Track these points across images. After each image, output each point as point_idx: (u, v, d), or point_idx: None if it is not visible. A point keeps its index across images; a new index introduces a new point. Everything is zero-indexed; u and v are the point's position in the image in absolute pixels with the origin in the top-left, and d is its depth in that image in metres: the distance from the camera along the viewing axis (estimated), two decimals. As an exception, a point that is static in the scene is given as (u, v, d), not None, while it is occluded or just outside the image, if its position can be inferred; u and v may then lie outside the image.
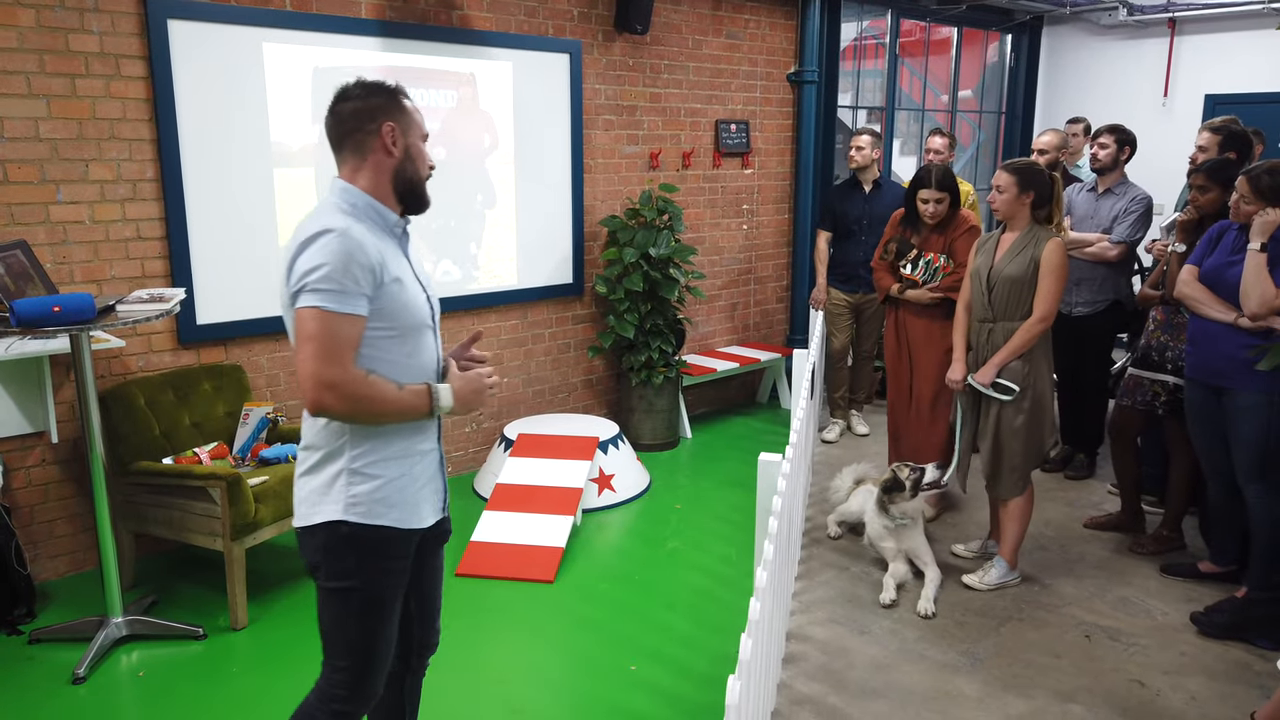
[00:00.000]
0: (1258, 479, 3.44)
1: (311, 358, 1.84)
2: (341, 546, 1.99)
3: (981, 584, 3.80)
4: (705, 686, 3.19)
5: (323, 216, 1.92)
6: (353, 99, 2.00)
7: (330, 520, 1.98)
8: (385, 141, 2.00)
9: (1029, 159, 3.76)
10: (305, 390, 1.87)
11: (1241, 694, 3.09)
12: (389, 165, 2.02)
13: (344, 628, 2.07)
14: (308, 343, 1.85)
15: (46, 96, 3.66)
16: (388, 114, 2.00)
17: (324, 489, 1.99)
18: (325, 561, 2.02)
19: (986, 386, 3.66)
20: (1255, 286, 3.28)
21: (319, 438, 2.00)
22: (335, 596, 2.05)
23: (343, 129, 2.00)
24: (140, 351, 4.03)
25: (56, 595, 3.83)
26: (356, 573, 2.02)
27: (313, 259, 1.85)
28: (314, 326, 1.84)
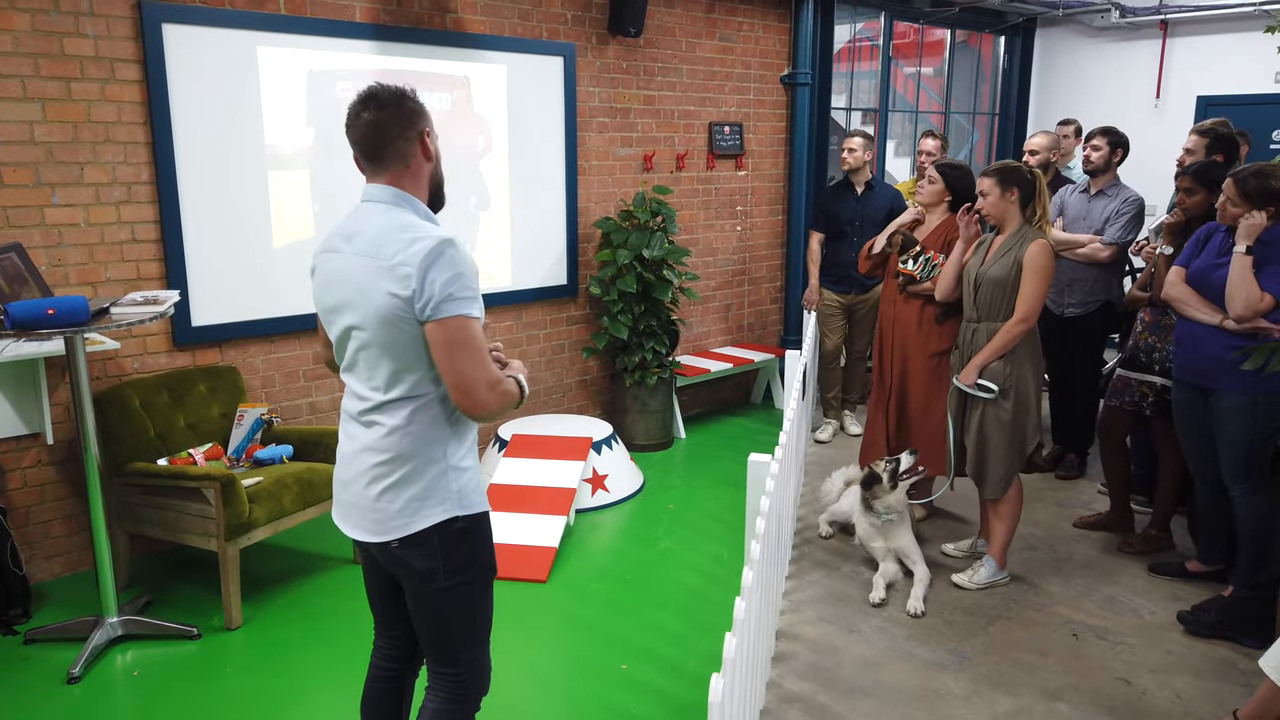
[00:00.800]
0: (1243, 479, 3.47)
1: (474, 364, 1.91)
2: (459, 541, 2.05)
3: (970, 583, 3.83)
4: (696, 685, 3.21)
5: (420, 228, 1.95)
6: (389, 105, 2.00)
7: (442, 520, 2.02)
8: (426, 147, 2.05)
9: (1006, 160, 3.79)
10: (472, 395, 1.91)
11: (1226, 692, 3.13)
12: (428, 170, 2.08)
13: (471, 619, 2.13)
14: (464, 350, 1.90)
15: (41, 100, 3.68)
16: (424, 120, 2.05)
17: (426, 493, 2.01)
18: (445, 562, 2.05)
19: (970, 387, 3.69)
20: (1240, 289, 3.31)
21: (413, 445, 2.00)
22: (459, 591, 2.09)
23: (384, 136, 2.00)
24: (135, 353, 4.06)
25: (52, 595, 3.85)
26: (474, 560, 2.10)
27: (447, 270, 1.89)
28: (466, 334, 1.91)
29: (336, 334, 2.06)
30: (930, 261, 4.18)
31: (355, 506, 2.07)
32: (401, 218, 1.99)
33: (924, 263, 4.19)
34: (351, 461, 2.07)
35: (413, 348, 1.95)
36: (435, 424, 2.01)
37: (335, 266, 2.02)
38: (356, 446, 2.05)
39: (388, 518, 2.01)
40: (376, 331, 1.95)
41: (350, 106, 2.04)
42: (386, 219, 1.98)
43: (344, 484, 2.10)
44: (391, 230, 1.95)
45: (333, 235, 2.07)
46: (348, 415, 2.10)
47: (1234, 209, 3.40)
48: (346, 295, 1.99)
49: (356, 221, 2.03)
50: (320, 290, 2.08)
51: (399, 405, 1.99)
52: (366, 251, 1.96)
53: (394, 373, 1.98)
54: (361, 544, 2.15)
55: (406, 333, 1.93)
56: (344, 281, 2.00)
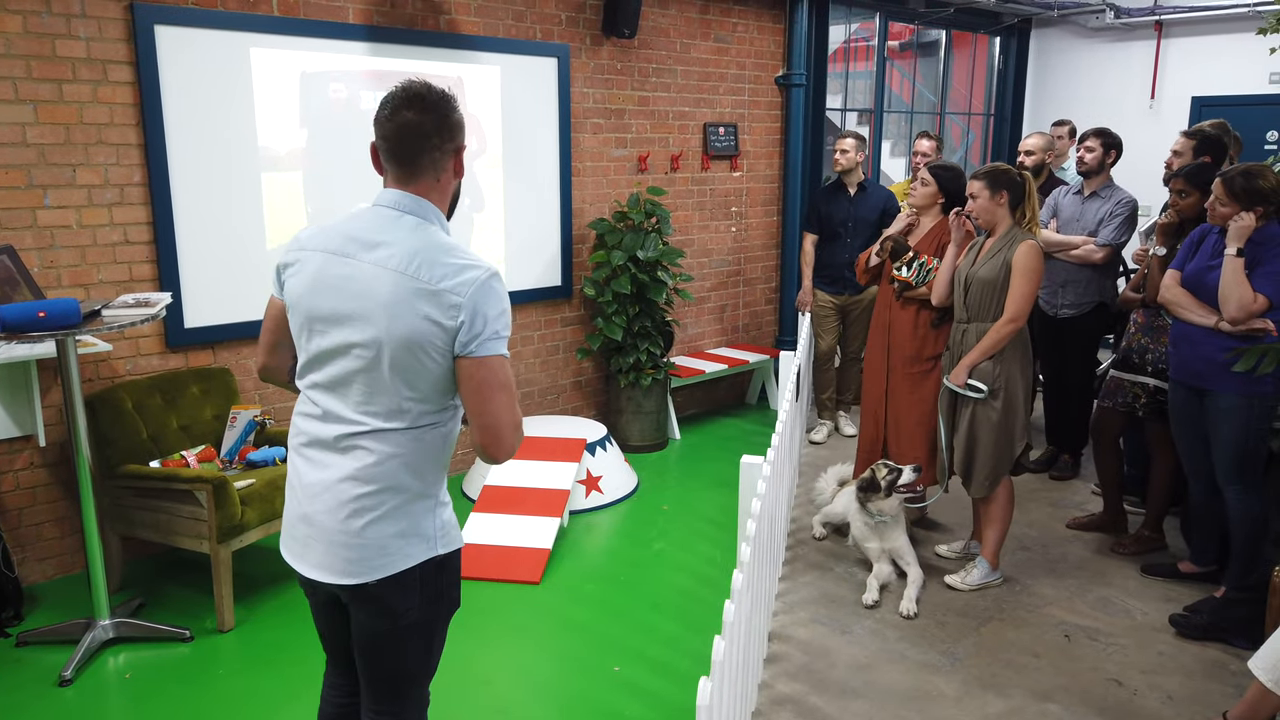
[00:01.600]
0: (1236, 480, 3.47)
1: (509, 407, 1.80)
2: (435, 578, 1.92)
3: (963, 584, 3.83)
4: (688, 687, 3.20)
5: (461, 250, 1.81)
6: (435, 110, 1.81)
7: (430, 557, 1.89)
8: (459, 163, 1.90)
9: (996, 163, 3.80)
10: (501, 438, 1.79)
11: (1217, 693, 3.13)
12: (453, 186, 1.93)
13: (429, 654, 2.01)
14: (501, 391, 1.78)
15: (33, 102, 3.68)
16: (463, 134, 1.88)
17: (414, 528, 1.86)
18: (423, 597, 1.91)
19: (960, 387, 3.70)
20: (1233, 291, 3.32)
21: (406, 478, 1.84)
22: (425, 628, 1.95)
23: (420, 145, 1.81)
24: (128, 355, 4.05)
25: (44, 598, 3.85)
26: (445, 595, 1.98)
27: (497, 305, 1.78)
28: (505, 374, 1.79)
29: (325, 345, 1.82)
30: (924, 266, 4.19)
31: (326, 543, 1.85)
32: (438, 237, 1.82)
33: (918, 268, 4.19)
34: (319, 492, 1.85)
35: (434, 378, 1.79)
36: (432, 457, 1.87)
37: (345, 273, 1.79)
38: (332, 476, 1.83)
39: (368, 555, 1.83)
40: (399, 355, 1.76)
41: (389, 99, 1.82)
42: (421, 236, 1.80)
43: (306, 518, 1.87)
44: (434, 250, 1.77)
45: (335, 235, 1.84)
46: (315, 441, 1.86)
47: (1222, 209, 3.40)
48: (359, 308, 1.77)
49: (376, 229, 1.81)
50: (307, 293, 1.83)
51: (399, 435, 1.82)
52: (402, 268, 1.75)
53: (401, 400, 1.80)
54: (309, 587, 1.98)
55: (435, 362, 1.77)
56: (358, 293, 1.77)
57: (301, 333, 1.87)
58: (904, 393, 4.25)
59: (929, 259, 4.20)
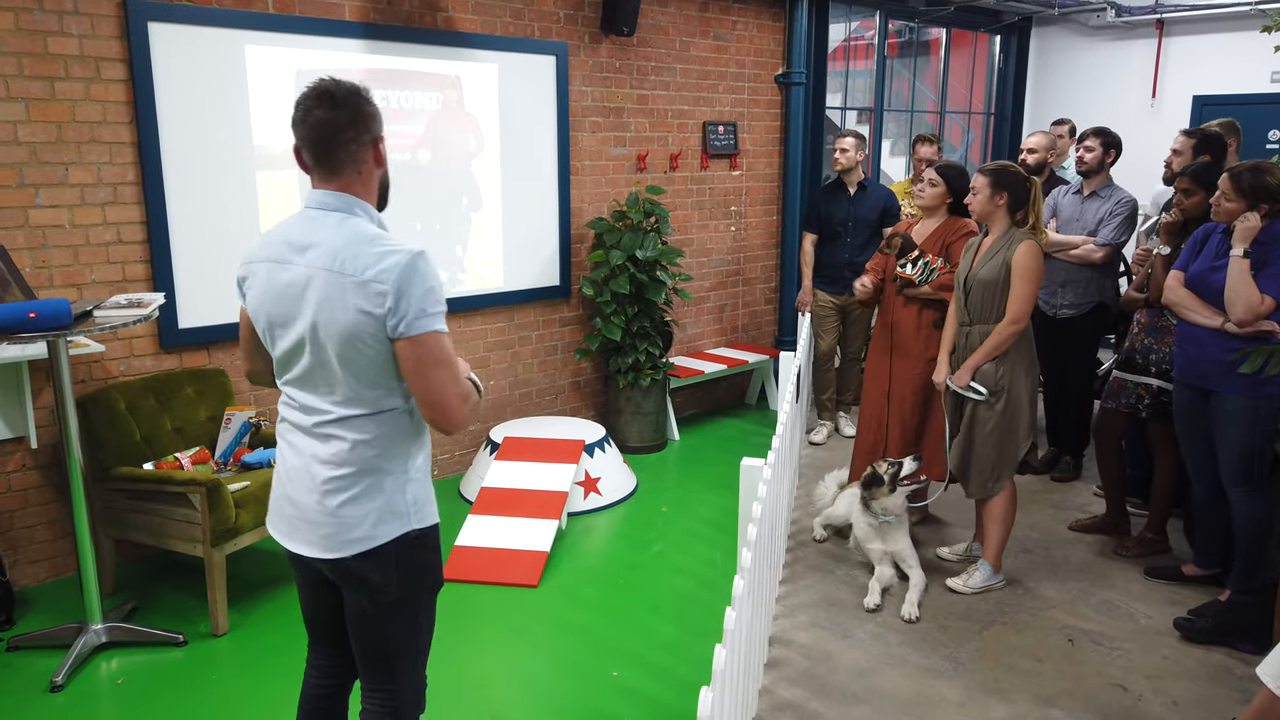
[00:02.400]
0: (1242, 482, 3.44)
1: (452, 380, 1.88)
2: (413, 553, 2.01)
3: (965, 587, 3.80)
4: (687, 692, 3.18)
5: (384, 237, 1.88)
6: (344, 105, 1.88)
7: (400, 534, 1.97)
8: (379, 154, 1.96)
9: (1006, 161, 3.76)
10: (447, 412, 1.88)
11: (1222, 698, 3.10)
12: (378, 176, 1.99)
13: (415, 634, 2.08)
14: (440, 367, 1.86)
15: (25, 100, 3.63)
16: (378, 125, 1.95)
17: (386, 506, 1.95)
18: (399, 575, 1.99)
19: (964, 389, 3.67)
20: (1240, 293, 3.28)
21: (375, 459, 1.94)
22: (409, 604, 2.04)
23: (335, 141, 1.88)
24: (121, 356, 4.01)
25: (36, 602, 3.81)
26: (426, 572, 2.06)
27: (424, 284, 1.84)
28: (443, 350, 1.87)
29: (285, 346, 1.94)
30: (929, 265, 4.15)
31: (306, 521, 1.97)
32: (362, 228, 1.89)
33: (922, 266, 4.15)
34: (299, 475, 1.98)
35: (378, 365, 1.88)
36: (398, 438, 1.97)
37: (287, 279, 1.90)
38: (307, 459, 1.96)
39: (344, 531, 1.94)
40: (341, 349, 1.86)
41: (300, 101, 1.89)
42: (345, 230, 1.88)
43: (289, 499, 2.00)
44: (357, 243, 1.85)
45: (275, 243, 1.94)
46: (294, 427, 2.00)
47: (1228, 204, 3.37)
48: (300, 309, 1.88)
49: (307, 231, 1.90)
50: (262, 302, 1.95)
51: (364, 419, 1.92)
52: (329, 265, 1.84)
53: (358, 388, 1.91)
54: (302, 559, 2.06)
55: (375, 350, 1.86)
56: (297, 296, 1.88)
57: (266, 337, 2.01)
58: (907, 393, 4.23)
59: (934, 258, 4.16)
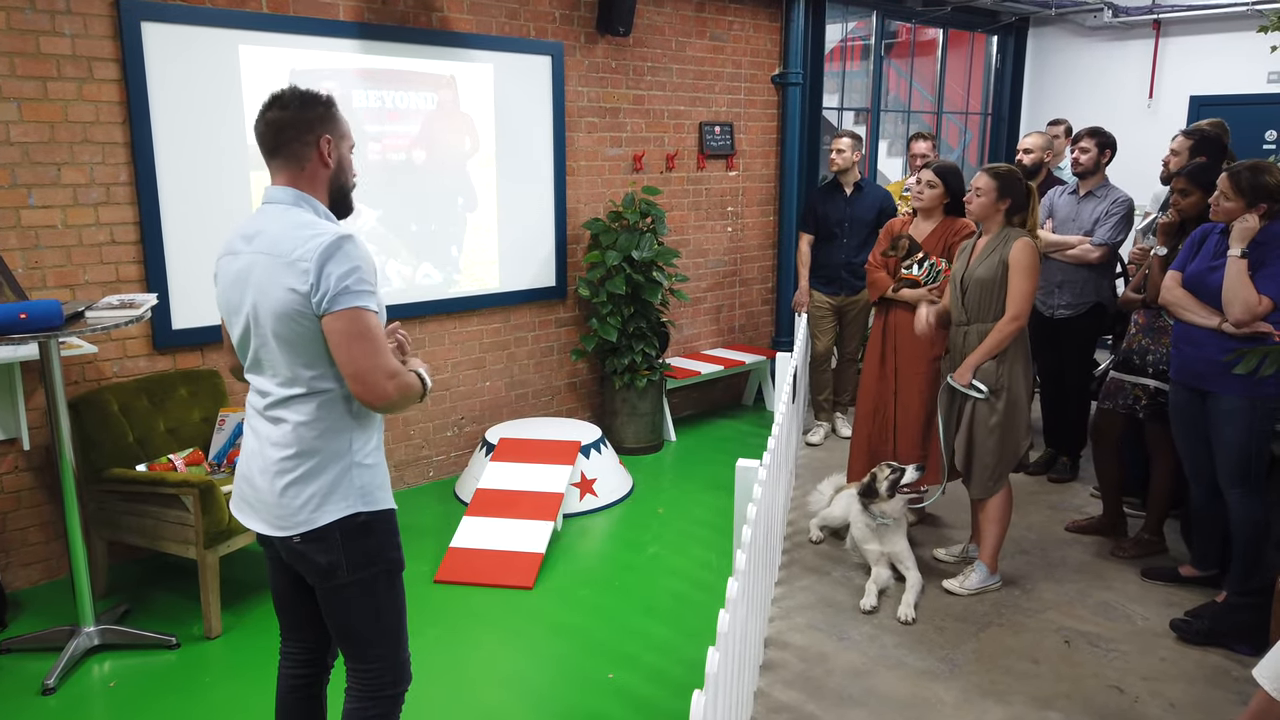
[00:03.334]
0: (1239, 483, 3.43)
1: (372, 353, 1.94)
2: (360, 536, 2.08)
3: (962, 589, 3.78)
4: (682, 694, 3.15)
5: (316, 224, 1.99)
6: (290, 108, 2.05)
7: (344, 516, 2.04)
8: (322, 153, 2.07)
9: (1010, 165, 3.75)
10: (370, 384, 1.94)
11: (1219, 700, 3.09)
12: (324, 176, 2.10)
13: (378, 614, 2.14)
14: (361, 340, 1.94)
15: (17, 100, 3.62)
16: (325, 126, 2.07)
17: (329, 489, 2.03)
18: (347, 555, 2.07)
19: (964, 386, 3.66)
20: (1238, 294, 3.27)
21: (316, 441, 2.03)
22: (364, 586, 2.11)
23: (280, 138, 2.05)
24: (115, 357, 3.99)
25: (28, 604, 3.79)
26: (379, 554, 2.12)
27: (344, 263, 1.93)
28: (365, 324, 1.94)
29: (238, 334, 2.07)
30: (934, 266, 4.14)
31: (261, 502, 2.07)
32: (300, 216, 2.02)
33: (929, 267, 4.14)
34: (254, 457, 2.09)
35: (312, 343, 1.98)
36: (339, 419, 2.05)
37: (237, 268, 2.04)
38: (261, 442, 2.07)
39: (291, 513, 2.03)
40: (276, 327, 1.97)
41: (261, 105, 2.10)
42: (286, 218, 2.01)
43: (247, 479, 2.11)
44: (291, 228, 1.98)
45: (233, 238, 2.09)
46: (253, 410, 2.11)
47: (1227, 204, 3.35)
48: (247, 294, 2.01)
49: (257, 222, 2.05)
50: (222, 293, 2.10)
51: (303, 400, 2.02)
52: (267, 249, 1.98)
53: (295, 368, 2.00)
54: (265, 540, 2.17)
55: (305, 328, 1.96)
56: (246, 281, 2.01)
57: (226, 326, 2.13)
58: (913, 394, 4.20)
59: (939, 259, 4.16)
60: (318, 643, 2.31)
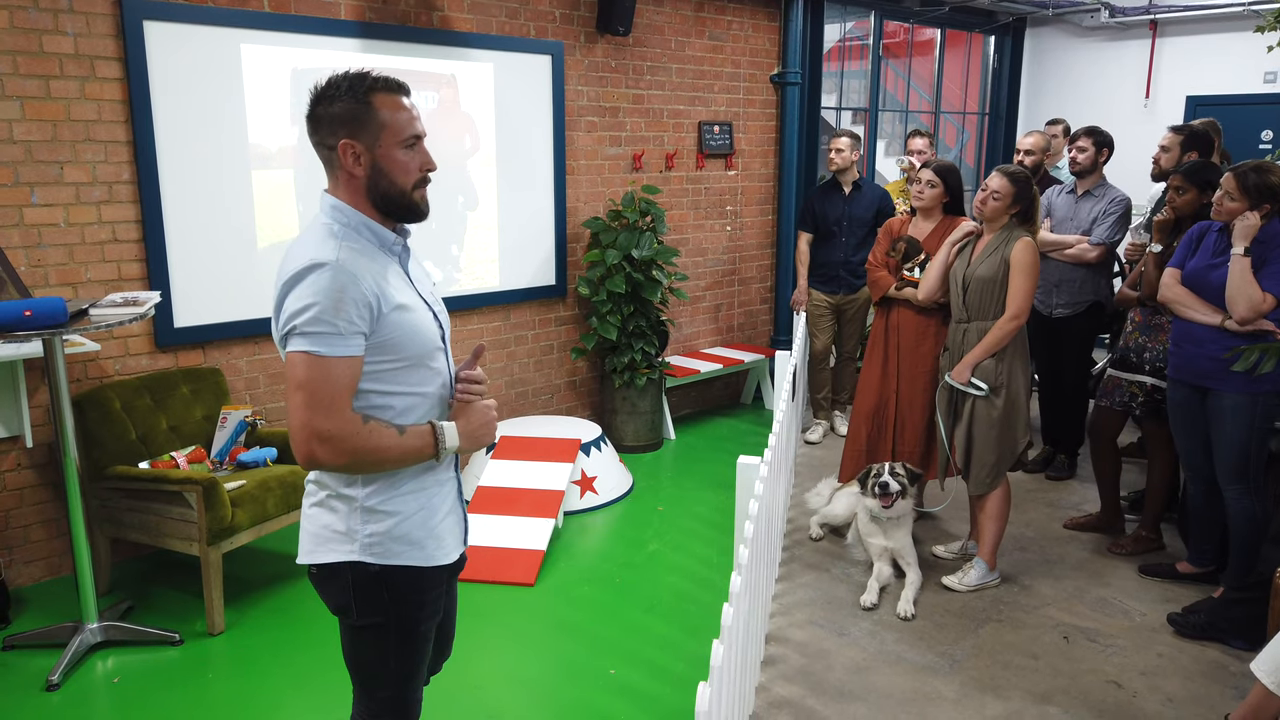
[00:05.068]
0: (1238, 479, 3.46)
1: (302, 406, 1.68)
2: (371, 586, 1.86)
3: (961, 585, 3.81)
4: (684, 690, 3.18)
5: (311, 245, 1.74)
6: (323, 101, 1.78)
7: (348, 561, 1.84)
8: (345, 160, 1.78)
9: (1024, 169, 3.77)
10: (297, 442, 1.71)
11: (1217, 694, 3.11)
12: (357, 184, 1.81)
13: (384, 661, 1.95)
14: (297, 391, 1.68)
15: (20, 98, 3.63)
16: (345, 129, 1.77)
17: (338, 526, 1.84)
18: (356, 602, 1.87)
19: (964, 385, 3.68)
20: (1242, 292, 3.29)
21: (325, 476, 1.85)
22: (370, 633, 1.92)
23: (312, 140, 1.82)
24: (117, 355, 4.00)
25: (31, 601, 3.80)
26: (391, 608, 1.89)
27: (302, 298, 1.68)
28: (303, 373, 1.68)
29: None
30: None
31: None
32: (313, 231, 1.80)
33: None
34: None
35: None
36: None
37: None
38: None
39: (307, 539, 1.89)
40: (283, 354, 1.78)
41: None
42: (306, 232, 1.83)
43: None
44: (296, 245, 1.79)
45: None
46: None
47: (1231, 204, 3.36)
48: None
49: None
50: None
51: None
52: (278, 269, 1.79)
53: None
54: None
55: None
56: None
57: None
58: (916, 393, 4.21)
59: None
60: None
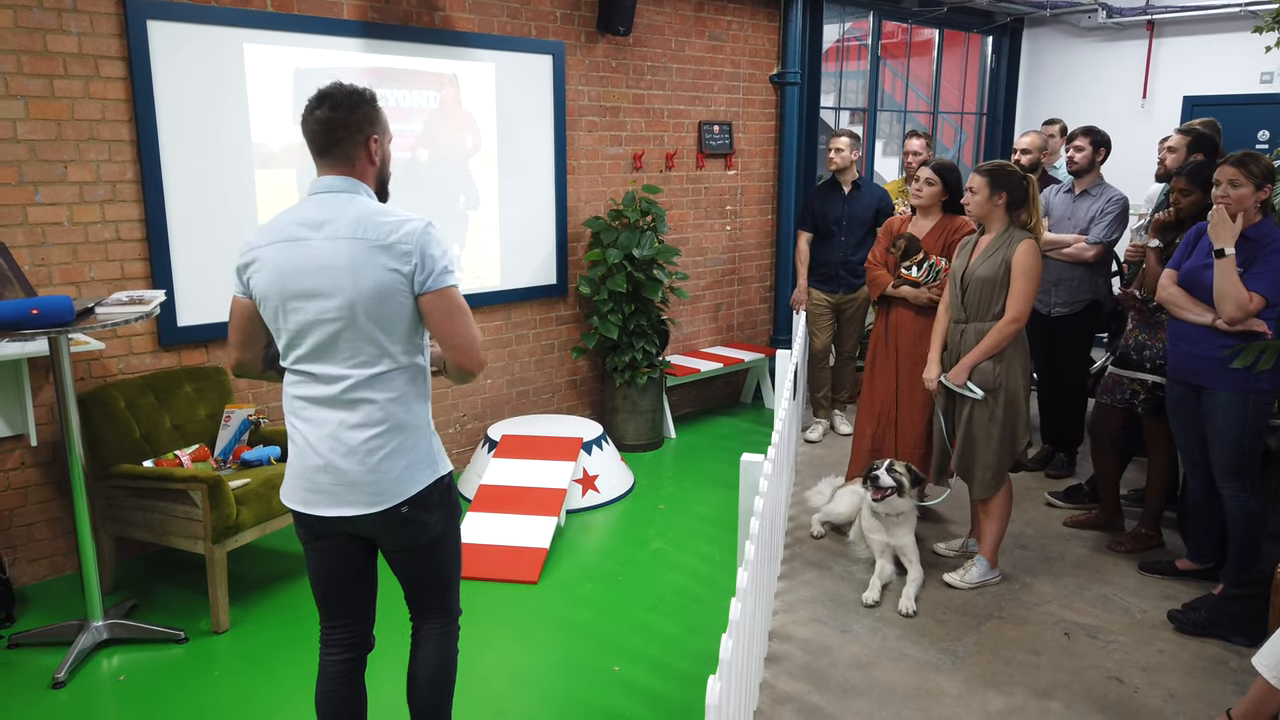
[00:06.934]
0: (1234, 477, 3.48)
1: (471, 326, 2.14)
2: (447, 493, 2.30)
3: (962, 582, 3.83)
4: (687, 686, 3.20)
5: (397, 209, 2.12)
6: (340, 108, 2.11)
7: (440, 477, 2.25)
8: (370, 152, 2.17)
9: (1001, 161, 3.78)
10: (471, 353, 2.13)
11: (1217, 690, 3.13)
12: (372, 172, 2.20)
13: (458, 555, 2.41)
14: (462, 315, 2.12)
15: (24, 97, 3.63)
16: (373, 126, 2.16)
17: (423, 456, 2.20)
18: (443, 511, 2.28)
19: (960, 387, 3.69)
20: (1229, 292, 3.31)
21: (405, 416, 2.16)
22: (451, 535, 2.35)
23: (331, 138, 2.12)
24: (120, 354, 4.01)
25: (36, 599, 3.80)
26: (457, 508, 2.37)
27: (439, 245, 2.10)
28: (461, 301, 2.13)
29: (304, 319, 2.09)
30: (934, 266, 4.18)
31: (349, 485, 2.13)
32: (370, 203, 2.13)
33: (928, 268, 4.18)
34: (331, 443, 2.12)
35: (403, 320, 2.10)
36: (417, 391, 2.20)
37: (304, 254, 2.07)
38: (341, 427, 2.12)
39: (390, 484, 2.14)
40: (371, 307, 2.05)
41: (307, 102, 2.15)
42: (356, 206, 2.10)
43: (326, 468, 2.14)
44: (372, 214, 2.08)
45: (285, 226, 2.11)
46: (312, 402, 2.14)
47: (1238, 190, 3.32)
48: (325, 279, 2.05)
49: (319, 210, 2.10)
50: (274, 280, 2.09)
51: (388, 377, 2.12)
52: (352, 234, 2.05)
53: (380, 346, 2.10)
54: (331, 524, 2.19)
55: (401, 306, 2.08)
56: (321, 267, 2.05)
57: (277, 317, 2.13)
58: (916, 392, 4.24)
59: (938, 259, 4.19)
60: (364, 622, 2.40)
